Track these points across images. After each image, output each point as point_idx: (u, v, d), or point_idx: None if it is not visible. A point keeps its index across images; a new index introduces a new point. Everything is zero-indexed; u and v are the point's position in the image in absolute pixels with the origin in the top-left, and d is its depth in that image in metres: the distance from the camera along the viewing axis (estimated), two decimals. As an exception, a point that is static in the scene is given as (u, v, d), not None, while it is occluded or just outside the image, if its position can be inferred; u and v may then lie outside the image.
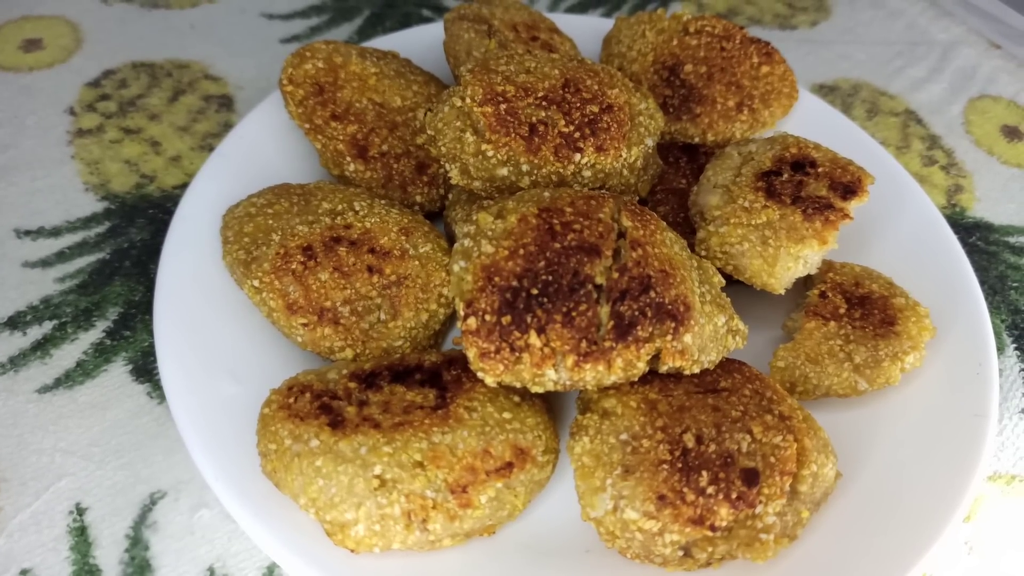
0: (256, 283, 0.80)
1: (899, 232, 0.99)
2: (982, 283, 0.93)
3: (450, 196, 0.96)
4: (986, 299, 0.91)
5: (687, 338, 0.70)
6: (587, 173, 0.82)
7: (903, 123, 1.30)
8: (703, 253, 0.84)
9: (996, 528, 0.84)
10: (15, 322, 0.91)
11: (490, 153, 0.79)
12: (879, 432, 0.82)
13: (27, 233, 1.00)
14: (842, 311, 0.85)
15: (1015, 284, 1.08)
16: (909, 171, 1.05)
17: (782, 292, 0.83)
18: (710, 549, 0.68)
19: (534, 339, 0.67)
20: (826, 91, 1.35)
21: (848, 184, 0.84)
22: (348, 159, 0.93)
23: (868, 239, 0.98)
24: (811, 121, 1.08)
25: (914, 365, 0.83)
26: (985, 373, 0.84)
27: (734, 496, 0.66)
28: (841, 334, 0.84)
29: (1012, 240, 1.14)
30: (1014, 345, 1.01)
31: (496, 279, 0.68)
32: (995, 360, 0.85)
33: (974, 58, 1.43)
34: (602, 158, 0.81)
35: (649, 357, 0.69)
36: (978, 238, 1.14)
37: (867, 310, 0.85)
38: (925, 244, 0.97)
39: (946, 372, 0.85)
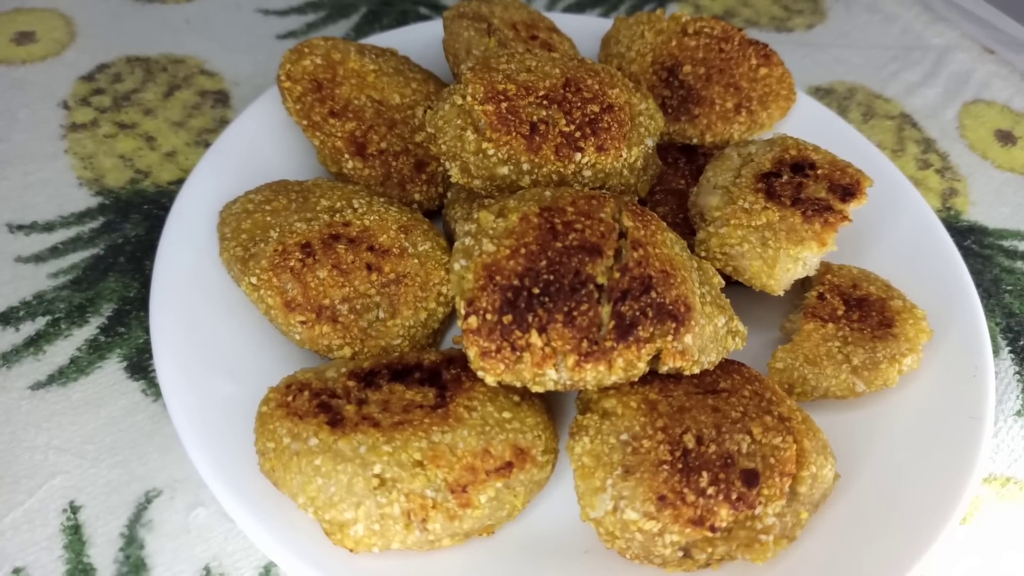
0: (254, 280, 0.79)
1: (896, 235, 0.99)
2: (976, 286, 0.93)
3: (449, 194, 0.96)
4: (980, 302, 0.91)
5: (688, 339, 0.70)
6: (587, 173, 0.82)
7: (898, 126, 1.31)
8: (703, 254, 0.84)
9: (992, 530, 0.84)
10: (8, 318, 0.90)
11: (491, 151, 0.79)
12: (877, 434, 0.82)
13: (20, 228, 0.99)
14: (840, 313, 0.86)
15: (1009, 287, 1.09)
16: (904, 174, 1.06)
17: (781, 293, 0.83)
18: (710, 550, 0.68)
19: (535, 338, 0.67)
20: (822, 94, 1.35)
21: (847, 186, 0.84)
22: (346, 156, 0.92)
23: (865, 241, 0.98)
24: (808, 123, 1.08)
25: (911, 367, 0.83)
26: (981, 376, 0.84)
27: (734, 497, 0.66)
28: (839, 336, 0.84)
29: (1006, 244, 1.15)
30: (1008, 348, 1.01)
31: (497, 278, 0.68)
32: (991, 363, 0.85)
33: (968, 63, 1.44)
34: (602, 158, 0.81)
35: (650, 357, 0.69)
36: (972, 241, 1.14)
37: (865, 312, 0.86)
38: (922, 247, 0.97)
39: (943, 374, 0.85)
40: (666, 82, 1.03)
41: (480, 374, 0.68)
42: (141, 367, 0.88)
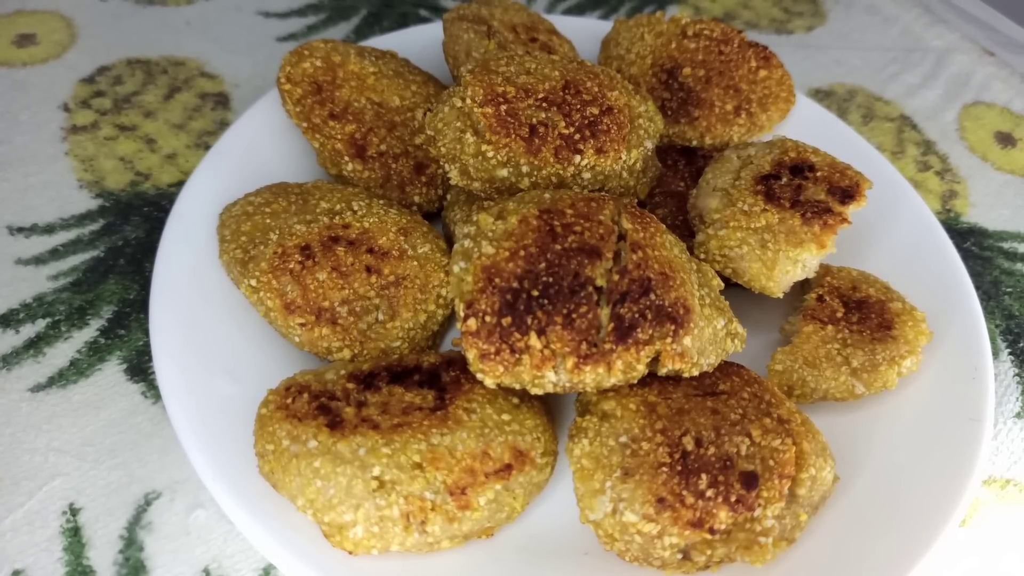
0: (253, 282, 0.79)
1: (895, 237, 0.99)
2: (976, 288, 0.93)
3: (448, 197, 0.96)
4: (980, 304, 0.91)
5: (687, 341, 0.70)
6: (587, 175, 0.82)
7: (898, 128, 1.31)
8: (702, 256, 0.84)
9: (991, 532, 0.84)
10: (8, 320, 0.90)
11: (490, 154, 0.79)
12: (876, 436, 0.82)
13: (20, 230, 0.99)
14: (839, 315, 0.86)
15: (1009, 289, 1.09)
16: (904, 176, 1.06)
17: (780, 295, 0.83)
18: (709, 552, 0.68)
19: (534, 341, 0.67)
20: (822, 96, 1.35)
21: (846, 188, 0.84)
22: (346, 158, 0.92)
23: (865, 243, 0.98)
24: (808, 125, 1.08)
25: (911, 369, 0.83)
26: (980, 377, 0.84)
27: (733, 499, 0.66)
28: (839, 338, 0.84)
29: (1006, 246, 1.15)
30: (1008, 350, 1.01)
31: (497, 280, 0.68)
32: (991, 364, 0.85)
33: (968, 65, 1.44)
34: (602, 160, 0.81)
35: (649, 359, 0.69)
36: (972, 243, 1.14)
37: (864, 314, 0.86)
38: (921, 249, 0.97)
39: (942, 376, 0.85)
40: (666, 84, 1.03)
41: (479, 376, 0.68)
42: (141, 369, 0.88)
